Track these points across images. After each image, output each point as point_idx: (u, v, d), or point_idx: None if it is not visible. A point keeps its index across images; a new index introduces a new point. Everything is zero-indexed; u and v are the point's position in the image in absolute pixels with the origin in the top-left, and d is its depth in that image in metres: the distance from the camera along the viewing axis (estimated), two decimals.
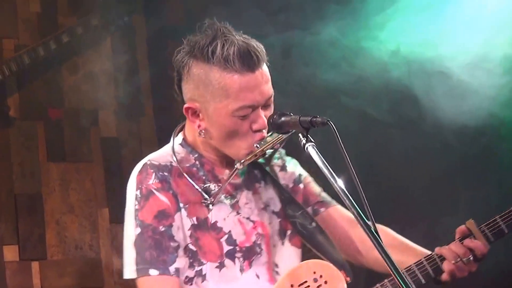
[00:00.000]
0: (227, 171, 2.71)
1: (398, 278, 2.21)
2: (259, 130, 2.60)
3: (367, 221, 2.26)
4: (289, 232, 2.79)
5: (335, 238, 2.80)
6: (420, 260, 2.66)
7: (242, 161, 2.62)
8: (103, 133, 5.49)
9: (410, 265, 2.65)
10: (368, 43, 4.50)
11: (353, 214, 2.29)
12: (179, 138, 2.75)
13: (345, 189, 2.31)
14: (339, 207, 2.85)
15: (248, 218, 2.72)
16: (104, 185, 5.40)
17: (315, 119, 2.43)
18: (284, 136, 2.59)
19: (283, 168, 2.88)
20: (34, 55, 5.11)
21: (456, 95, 4.26)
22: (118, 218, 5.13)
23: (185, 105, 2.64)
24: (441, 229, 4.04)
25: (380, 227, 2.65)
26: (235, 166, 2.63)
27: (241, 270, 2.66)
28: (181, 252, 2.60)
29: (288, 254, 2.77)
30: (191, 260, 2.62)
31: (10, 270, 5.06)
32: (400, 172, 4.67)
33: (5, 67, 5.04)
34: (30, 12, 5.33)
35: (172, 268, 2.57)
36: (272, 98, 2.63)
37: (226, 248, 2.65)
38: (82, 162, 5.38)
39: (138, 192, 2.60)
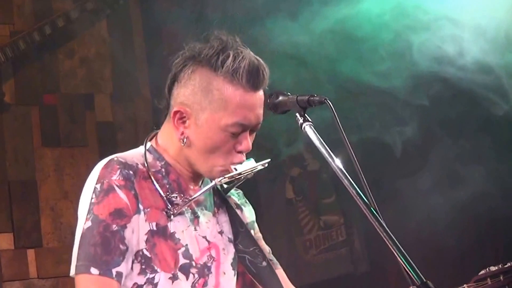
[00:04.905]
0: (191, 186, 2.63)
1: (403, 260, 2.15)
2: (241, 152, 2.54)
3: (366, 201, 2.21)
4: (240, 268, 2.73)
5: None
6: None
7: (220, 179, 2.54)
8: (99, 117, 5.44)
9: None
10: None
11: (352, 194, 2.25)
12: (147, 145, 2.63)
13: (343, 169, 2.27)
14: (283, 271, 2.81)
15: (204, 237, 2.64)
16: None
17: (312, 98, 2.39)
18: (260, 166, 2.55)
19: (239, 207, 2.81)
20: (29, 40, 5.11)
21: None
22: None
23: (175, 109, 2.52)
24: None
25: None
26: (213, 182, 2.55)
27: (193, 286, 2.57)
28: (130, 256, 2.47)
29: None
30: (143, 267, 2.49)
31: (5, 259, 5.02)
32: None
33: (0, 53, 5.03)
34: None
35: (114, 271, 2.43)
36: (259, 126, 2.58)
37: (182, 261, 2.56)
38: (77, 147, 5.33)
39: (98, 186, 2.47)
